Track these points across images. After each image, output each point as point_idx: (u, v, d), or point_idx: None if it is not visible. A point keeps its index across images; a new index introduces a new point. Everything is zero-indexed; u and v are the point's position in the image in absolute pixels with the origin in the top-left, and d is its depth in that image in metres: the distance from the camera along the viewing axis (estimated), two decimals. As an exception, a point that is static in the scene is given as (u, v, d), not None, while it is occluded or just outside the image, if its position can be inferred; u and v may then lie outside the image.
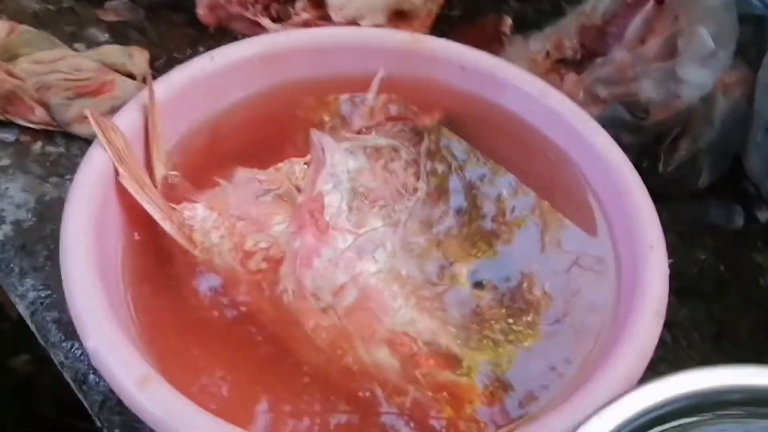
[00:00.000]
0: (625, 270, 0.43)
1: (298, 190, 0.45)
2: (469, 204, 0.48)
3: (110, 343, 0.34)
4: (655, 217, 0.44)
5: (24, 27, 0.63)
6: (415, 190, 0.47)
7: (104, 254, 0.39)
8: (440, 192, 0.48)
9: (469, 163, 0.50)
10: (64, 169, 0.59)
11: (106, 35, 0.70)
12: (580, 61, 0.67)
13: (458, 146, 0.51)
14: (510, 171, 0.50)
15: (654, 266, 0.40)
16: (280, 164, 0.47)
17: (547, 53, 0.68)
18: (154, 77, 0.50)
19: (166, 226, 0.43)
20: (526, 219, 0.48)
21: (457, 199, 0.48)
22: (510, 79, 0.52)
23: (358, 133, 0.49)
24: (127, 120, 0.45)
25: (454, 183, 0.49)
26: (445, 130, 0.52)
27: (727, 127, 0.62)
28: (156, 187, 0.45)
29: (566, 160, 0.50)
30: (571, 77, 0.65)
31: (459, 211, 0.47)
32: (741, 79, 0.64)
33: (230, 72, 0.50)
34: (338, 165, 0.46)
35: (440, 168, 0.50)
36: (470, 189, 0.49)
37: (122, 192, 0.43)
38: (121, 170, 0.43)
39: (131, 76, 0.63)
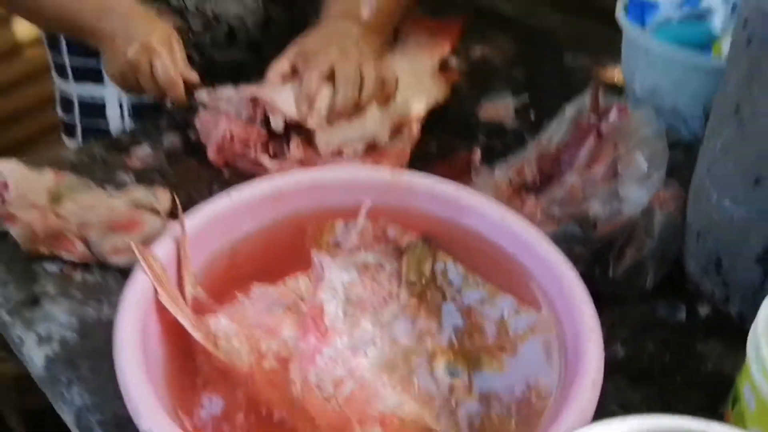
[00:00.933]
0: (570, 353, 0.52)
1: (303, 300, 0.55)
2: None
3: (160, 424, 0.43)
4: (594, 313, 0.53)
5: (68, 175, 0.75)
6: (398, 296, 0.57)
7: (149, 356, 0.48)
8: (423, 301, 0.58)
9: (466, 286, 0.60)
10: (101, 294, 0.69)
11: (133, 178, 0.82)
12: (539, 186, 0.79)
13: (453, 269, 0.61)
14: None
15: (592, 349, 0.50)
16: (288, 280, 0.57)
17: (510, 180, 0.80)
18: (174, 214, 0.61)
19: (196, 335, 0.52)
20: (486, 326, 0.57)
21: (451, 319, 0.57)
22: (474, 205, 0.63)
23: (350, 252, 0.60)
24: (163, 249, 0.56)
25: (448, 307, 0.58)
26: (441, 253, 0.62)
27: (665, 236, 0.73)
28: (187, 303, 0.55)
29: (522, 270, 0.60)
30: (530, 200, 0.76)
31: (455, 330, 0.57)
32: (675, 196, 0.75)
33: (245, 207, 0.61)
34: (334, 279, 0.56)
35: (423, 280, 0.60)
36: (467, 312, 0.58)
37: (161, 307, 0.53)
38: (159, 290, 0.53)
39: (156, 212, 0.74)
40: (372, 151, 0.83)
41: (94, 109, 1.10)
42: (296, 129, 0.80)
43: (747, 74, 0.60)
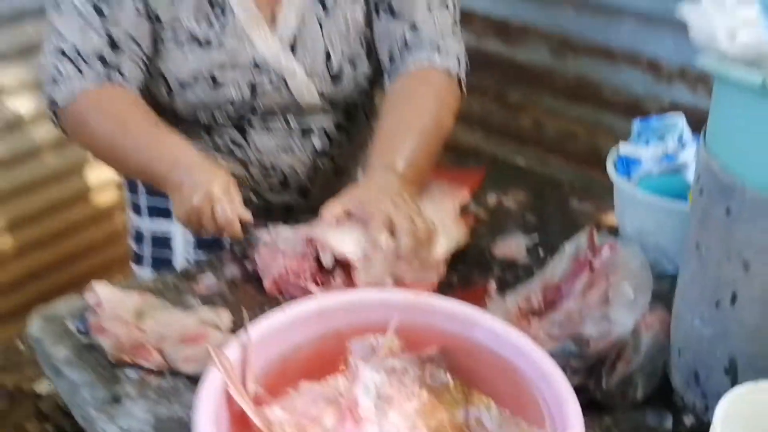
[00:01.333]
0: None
1: (341, 395, 0.69)
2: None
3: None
4: (580, 415, 0.66)
5: (149, 296, 0.90)
6: (419, 396, 0.70)
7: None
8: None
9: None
10: (173, 396, 0.82)
11: (199, 301, 0.98)
12: (543, 311, 0.92)
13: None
14: (485, 385, 0.73)
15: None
16: (330, 378, 0.70)
17: (519, 306, 0.93)
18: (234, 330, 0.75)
19: (258, 422, 0.65)
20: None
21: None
22: (484, 323, 0.77)
23: (381, 358, 0.73)
24: (231, 354, 0.70)
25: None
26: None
27: (651, 353, 0.85)
28: (249, 397, 0.68)
29: (523, 377, 0.73)
30: (535, 322, 0.89)
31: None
32: (660, 319, 0.88)
33: (296, 322, 0.76)
34: (368, 379, 0.69)
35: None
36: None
37: (230, 399, 0.66)
38: (230, 384, 0.66)
39: (219, 329, 0.89)
40: (402, 285, 0.96)
41: (162, 242, 1.29)
42: (340, 264, 0.95)
43: (701, 218, 0.74)
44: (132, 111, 1.10)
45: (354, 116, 1.29)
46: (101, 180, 2.03)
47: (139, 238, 1.33)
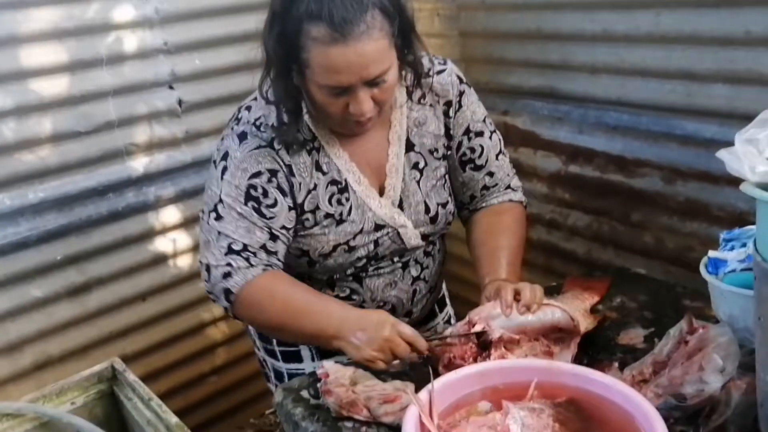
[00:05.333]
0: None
1: (498, 426, 1.00)
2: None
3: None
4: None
5: (360, 369, 1.27)
6: (553, 428, 1.00)
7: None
8: None
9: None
10: (377, 440, 1.17)
11: (390, 377, 1.32)
12: (652, 377, 1.20)
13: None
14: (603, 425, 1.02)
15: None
16: (490, 415, 1.02)
17: (633, 376, 1.21)
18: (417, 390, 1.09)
19: (441, 440, 0.98)
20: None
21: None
22: (609, 384, 1.06)
23: (525, 402, 1.04)
24: (423, 397, 1.04)
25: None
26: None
27: (741, 408, 1.09)
28: (435, 427, 1.01)
29: (635, 423, 1.01)
30: (646, 386, 1.17)
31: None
32: (749, 382, 1.13)
33: (464, 379, 1.09)
34: (516, 415, 1.00)
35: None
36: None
37: (423, 427, 1.00)
38: (424, 417, 1.00)
39: (406, 392, 1.23)
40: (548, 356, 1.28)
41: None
42: (495, 343, 1.28)
43: (758, 297, 1.01)
44: (294, 288, 1.37)
45: (435, 242, 1.61)
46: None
47: (279, 375, 1.65)
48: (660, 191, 1.85)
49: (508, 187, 1.57)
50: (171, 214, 2.26)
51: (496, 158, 1.55)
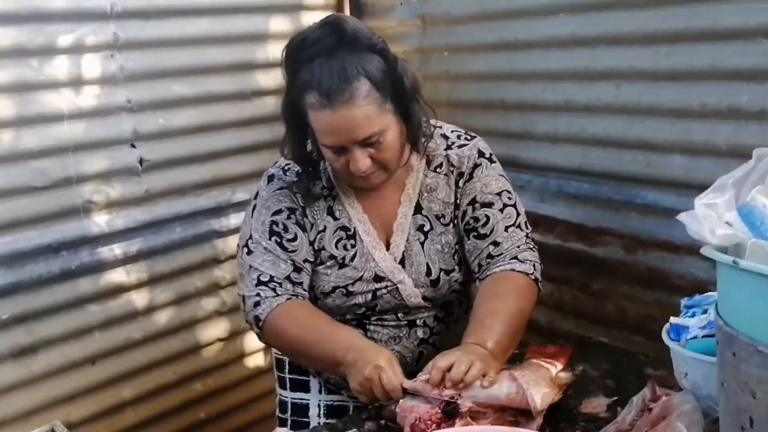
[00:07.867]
0: None
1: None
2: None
3: None
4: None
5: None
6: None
7: None
8: None
9: None
10: None
11: None
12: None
13: None
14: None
15: None
16: None
17: (596, 444, 1.18)
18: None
19: None
20: None
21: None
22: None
23: None
24: None
25: None
26: None
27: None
28: None
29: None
30: (609, 455, 1.14)
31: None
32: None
33: None
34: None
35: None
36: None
37: None
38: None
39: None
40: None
41: (302, 410, 1.67)
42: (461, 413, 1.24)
43: (720, 362, 1.00)
44: (313, 315, 1.49)
45: (451, 311, 1.66)
46: (252, 347, 2.53)
47: (283, 406, 1.70)
48: (621, 260, 1.86)
49: (515, 257, 1.55)
50: (126, 275, 2.20)
51: (506, 230, 1.56)
